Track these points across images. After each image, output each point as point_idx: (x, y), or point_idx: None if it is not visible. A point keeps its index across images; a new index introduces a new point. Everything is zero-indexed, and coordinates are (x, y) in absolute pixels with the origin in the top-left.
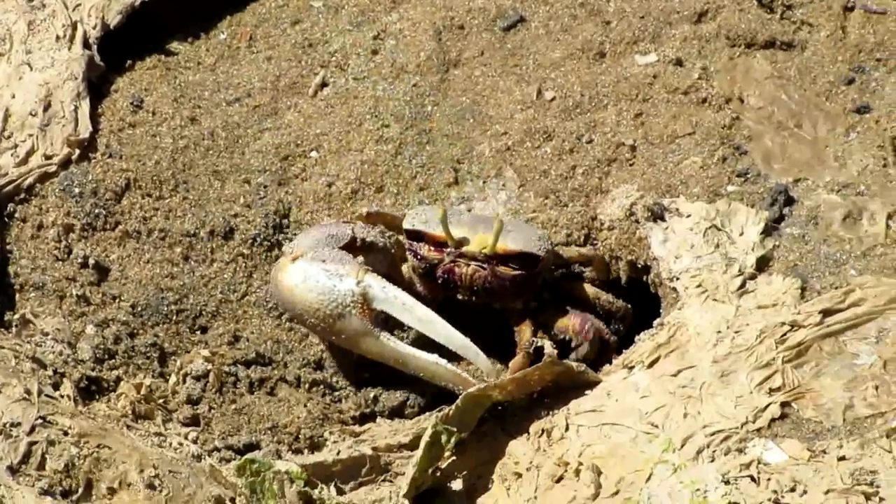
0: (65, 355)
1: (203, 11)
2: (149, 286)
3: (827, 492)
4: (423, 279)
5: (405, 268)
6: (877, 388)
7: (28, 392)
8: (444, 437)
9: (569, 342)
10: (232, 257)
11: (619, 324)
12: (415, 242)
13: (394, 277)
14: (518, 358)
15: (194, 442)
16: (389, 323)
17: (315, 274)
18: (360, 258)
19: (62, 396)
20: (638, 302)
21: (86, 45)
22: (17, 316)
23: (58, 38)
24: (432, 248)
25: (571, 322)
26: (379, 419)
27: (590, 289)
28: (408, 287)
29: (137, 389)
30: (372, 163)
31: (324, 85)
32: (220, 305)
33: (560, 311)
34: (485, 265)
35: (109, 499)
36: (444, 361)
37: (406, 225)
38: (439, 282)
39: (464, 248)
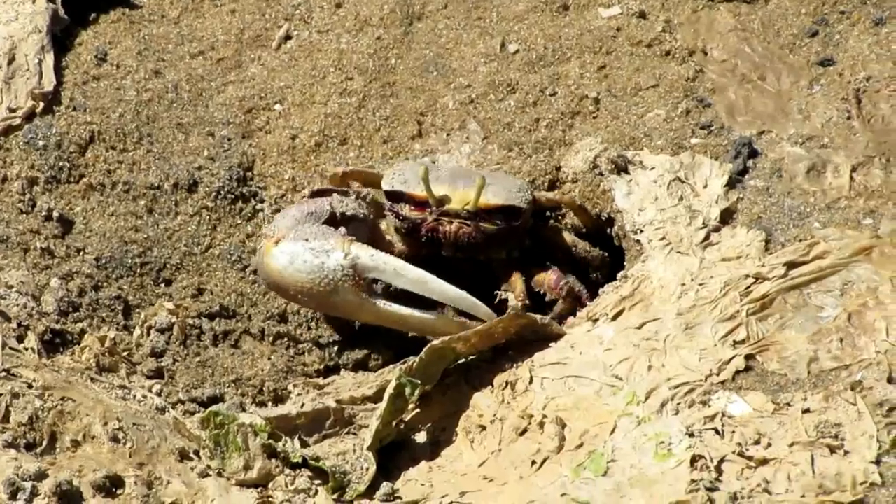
0: (29, 308)
1: None
2: (113, 239)
3: (791, 444)
4: (405, 238)
5: (384, 224)
6: (841, 340)
7: None
8: (407, 390)
9: (544, 296)
10: (196, 210)
11: (596, 272)
12: (395, 203)
13: (376, 241)
14: (518, 307)
15: (158, 395)
16: (378, 283)
17: (301, 254)
18: (342, 229)
19: (26, 349)
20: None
21: None
22: None
23: None
24: (414, 208)
25: (548, 278)
26: (343, 372)
27: (568, 237)
28: (388, 246)
29: (101, 342)
30: (336, 115)
31: (287, 38)
32: (184, 258)
33: (541, 263)
34: (468, 221)
35: (73, 451)
36: (444, 313)
37: (385, 186)
38: (423, 240)
39: (446, 206)
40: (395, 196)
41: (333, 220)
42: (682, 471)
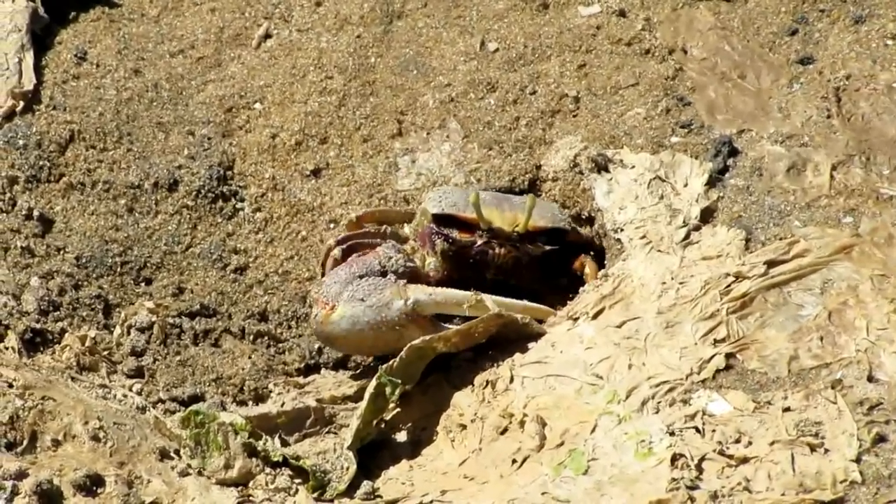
0: (9, 307)
1: None
2: (93, 238)
3: (772, 443)
4: (450, 261)
5: (409, 248)
6: (822, 339)
7: None
8: (388, 389)
9: None
10: (176, 209)
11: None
12: (444, 227)
13: (418, 274)
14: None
15: (139, 394)
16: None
17: (361, 314)
18: (392, 276)
19: (6, 348)
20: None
21: None
22: None
23: None
24: (463, 231)
25: None
26: (323, 371)
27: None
28: (426, 277)
29: (82, 341)
30: (316, 114)
31: (267, 36)
32: (164, 257)
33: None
34: (517, 244)
35: (54, 451)
36: (525, 301)
37: (433, 210)
38: (469, 262)
39: (496, 228)
40: (445, 220)
41: (384, 275)
42: (663, 469)
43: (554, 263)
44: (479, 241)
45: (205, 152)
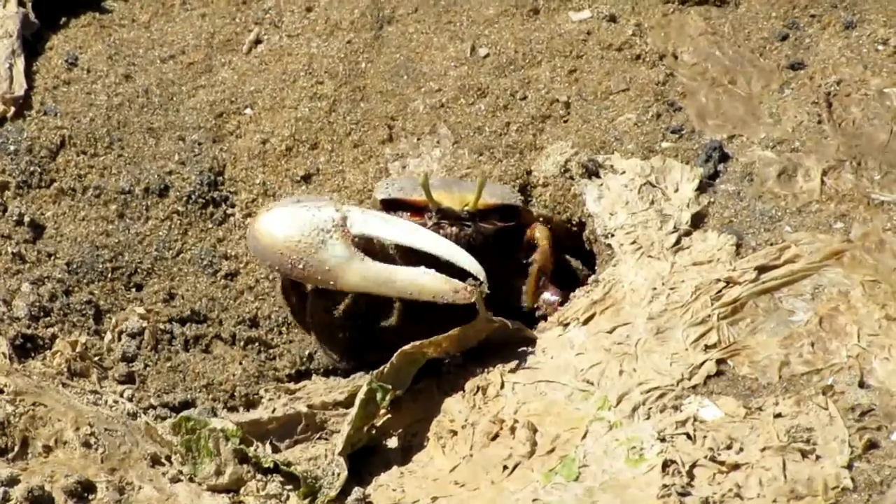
0: (0, 313)
1: None
2: (84, 244)
3: (763, 449)
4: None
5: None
6: (812, 344)
7: None
8: (379, 395)
9: (537, 308)
10: (167, 215)
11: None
12: (393, 212)
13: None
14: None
15: (130, 400)
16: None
17: (293, 210)
18: (336, 195)
19: None
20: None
21: (20, 2)
22: None
23: None
24: (413, 215)
25: (546, 297)
26: (314, 377)
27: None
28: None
29: (73, 347)
30: (306, 120)
31: (258, 42)
32: (155, 263)
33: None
34: (469, 223)
35: (45, 457)
36: (432, 271)
37: (380, 195)
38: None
39: (445, 208)
40: (392, 204)
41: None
42: (654, 476)
43: (510, 243)
44: (429, 223)
45: (195, 158)
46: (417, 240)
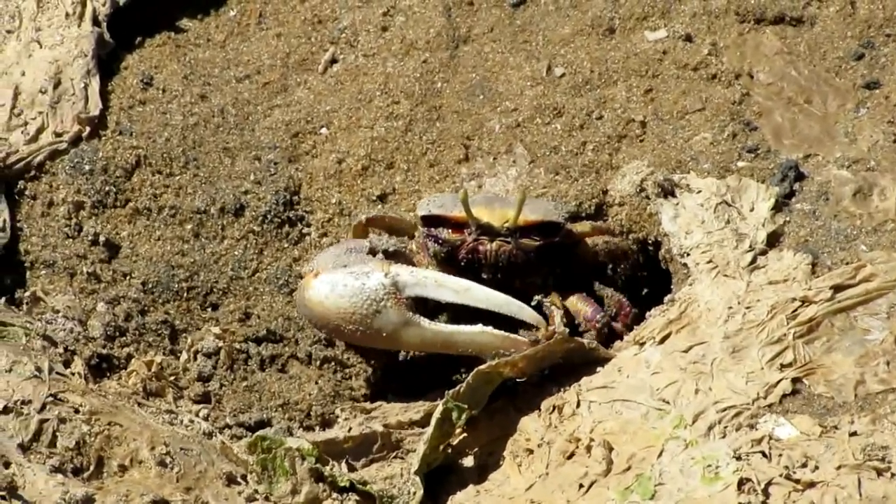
0: (75, 332)
1: None
2: (159, 263)
3: (839, 467)
4: (443, 264)
5: (415, 261)
6: (888, 363)
7: (39, 370)
8: (454, 414)
9: (577, 325)
10: (242, 234)
11: (624, 263)
12: (433, 228)
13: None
14: (566, 332)
15: (205, 419)
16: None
17: (341, 279)
18: (381, 255)
19: (73, 374)
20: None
21: (95, 21)
22: (27, 293)
23: (67, 15)
24: (453, 231)
25: (584, 310)
26: (390, 396)
27: (590, 241)
28: None
29: (148, 367)
30: (382, 139)
31: (333, 61)
32: (230, 282)
33: (575, 288)
34: (508, 239)
35: (121, 476)
36: (490, 328)
37: (422, 212)
38: (462, 263)
39: (485, 224)
40: (433, 221)
41: (373, 257)
42: (730, 494)
43: (555, 259)
44: (469, 239)
45: (271, 177)
46: (470, 299)
